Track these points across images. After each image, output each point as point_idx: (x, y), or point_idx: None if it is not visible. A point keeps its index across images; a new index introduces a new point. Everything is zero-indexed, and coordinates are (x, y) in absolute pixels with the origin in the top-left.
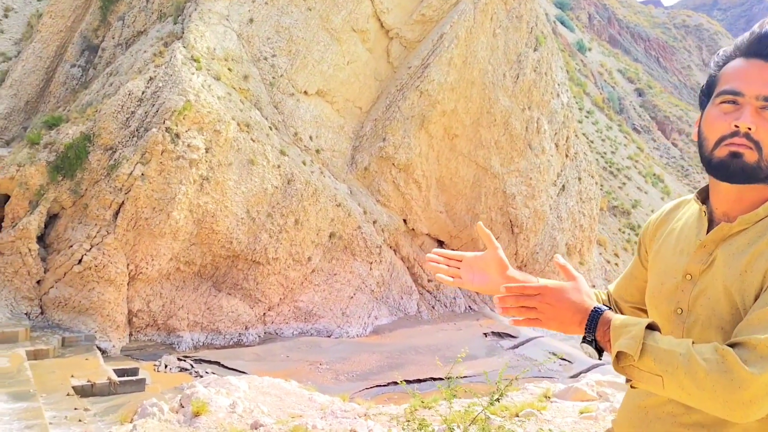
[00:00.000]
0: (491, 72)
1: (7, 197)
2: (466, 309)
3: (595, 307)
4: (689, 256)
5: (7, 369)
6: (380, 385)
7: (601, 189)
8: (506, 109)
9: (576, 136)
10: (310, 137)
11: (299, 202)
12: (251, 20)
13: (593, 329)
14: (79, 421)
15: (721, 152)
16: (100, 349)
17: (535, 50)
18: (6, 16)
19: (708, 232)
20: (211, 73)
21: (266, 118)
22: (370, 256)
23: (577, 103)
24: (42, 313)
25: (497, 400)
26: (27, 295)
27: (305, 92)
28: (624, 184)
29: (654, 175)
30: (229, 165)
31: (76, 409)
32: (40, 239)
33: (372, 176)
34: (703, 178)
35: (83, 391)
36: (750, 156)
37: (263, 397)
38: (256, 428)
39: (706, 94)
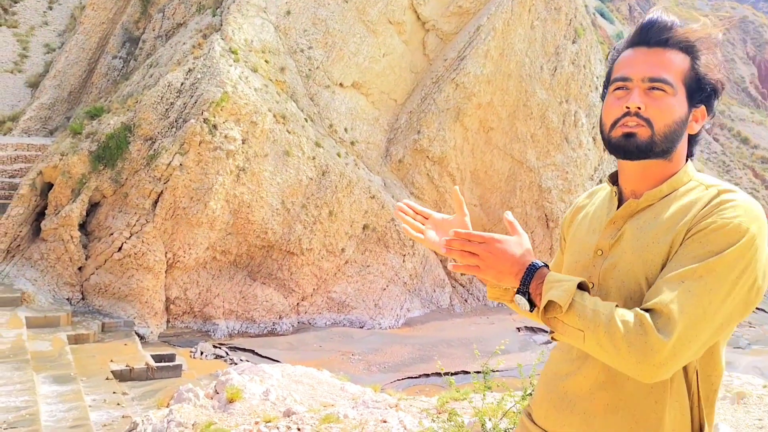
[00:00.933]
0: (528, 64)
1: (51, 185)
2: (499, 303)
3: (533, 262)
4: (601, 233)
5: (50, 352)
6: (412, 377)
7: None
8: (543, 102)
9: None
10: (345, 129)
11: (333, 194)
12: (288, 12)
13: (528, 282)
14: (118, 404)
15: (616, 133)
16: (138, 335)
17: (573, 42)
18: (50, 8)
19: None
20: (249, 65)
21: (302, 110)
22: (403, 249)
23: None
24: (83, 298)
25: (530, 394)
26: (69, 281)
27: (341, 84)
28: None
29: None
30: (265, 156)
31: (114, 392)
32: (82, 227)
33: (406, 169)
34: (744, 174)
35: (122, 376)
36: (643, 133)
37: (296, 386)
38: (288, 416)
39: (605, 86)
